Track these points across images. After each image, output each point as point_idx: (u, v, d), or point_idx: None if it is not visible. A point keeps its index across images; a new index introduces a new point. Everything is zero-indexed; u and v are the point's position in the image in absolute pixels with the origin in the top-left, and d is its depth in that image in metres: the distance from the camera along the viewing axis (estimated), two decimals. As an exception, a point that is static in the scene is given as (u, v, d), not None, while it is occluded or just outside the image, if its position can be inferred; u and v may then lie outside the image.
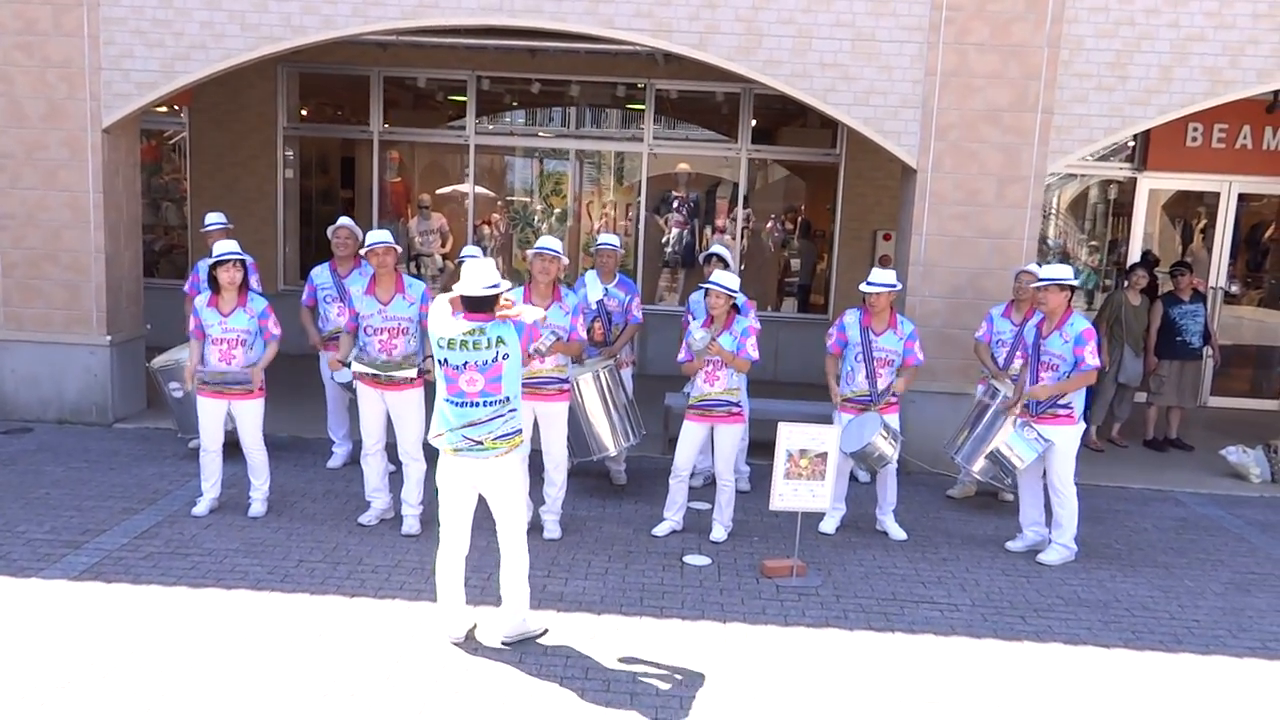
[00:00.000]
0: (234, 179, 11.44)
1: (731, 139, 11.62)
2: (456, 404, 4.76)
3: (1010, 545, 6.62)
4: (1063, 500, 6.35)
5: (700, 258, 7.99)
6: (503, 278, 4.80)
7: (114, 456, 7.69)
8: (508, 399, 4.77)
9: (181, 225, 11.61)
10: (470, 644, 4.92)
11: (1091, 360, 6.17)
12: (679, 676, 4.73)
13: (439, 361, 4.80)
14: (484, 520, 5.09)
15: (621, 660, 4.86)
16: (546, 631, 5.09)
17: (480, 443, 4.74)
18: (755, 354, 6.29)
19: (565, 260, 6.37)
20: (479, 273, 4.71)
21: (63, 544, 5.95)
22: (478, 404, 4.74)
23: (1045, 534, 6.54)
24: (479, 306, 4.72)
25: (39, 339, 8.44)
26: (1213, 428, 10.19)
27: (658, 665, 4.83)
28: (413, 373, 6.22)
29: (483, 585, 5.50)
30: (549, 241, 6.30)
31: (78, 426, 8.44)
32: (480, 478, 4.82)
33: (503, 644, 4.93)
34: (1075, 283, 6.36)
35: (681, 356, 6.42)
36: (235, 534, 6.23)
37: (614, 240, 7.45)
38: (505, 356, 4.72)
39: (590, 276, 7.31)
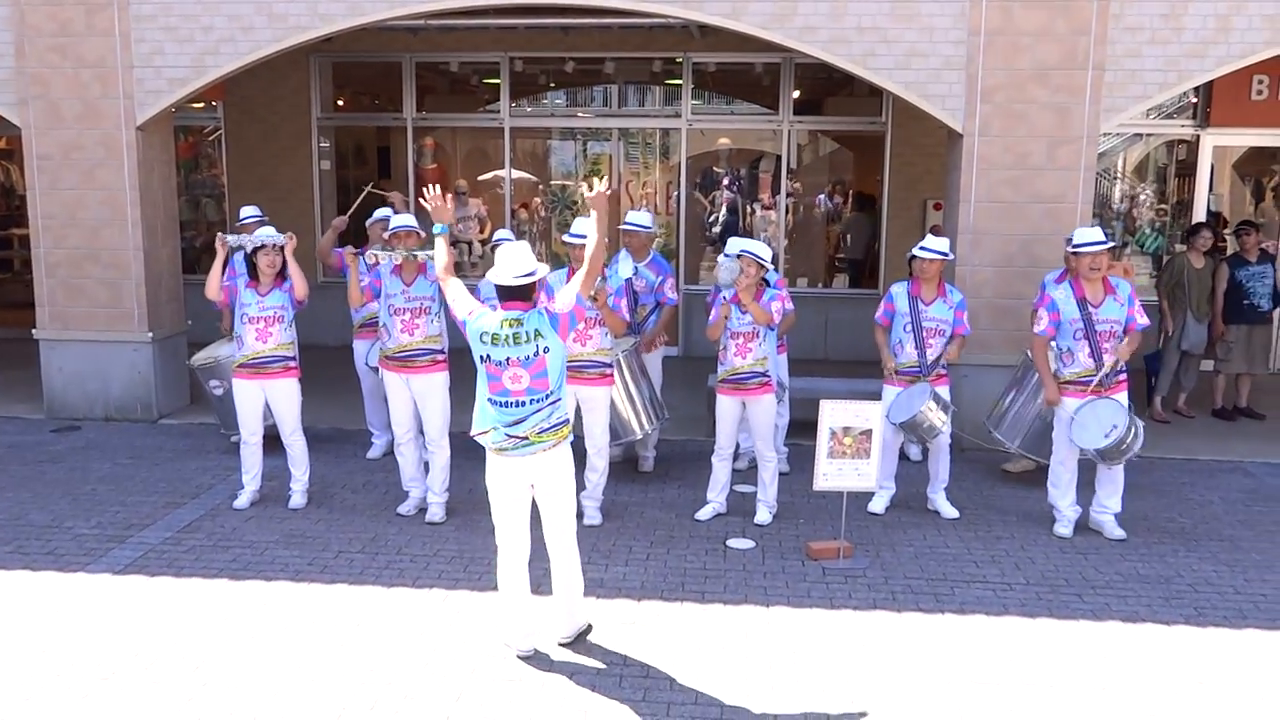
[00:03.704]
0: (270, 171, 11.44)
1: (773, 111, 11.34)
2: (500, 404, 4.50)
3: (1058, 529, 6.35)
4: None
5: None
6: (539, 261, 4.58)
7: (158, 452, 7.74)
8: (552, 392, 4.51)
9: (220, 220, 11.65)
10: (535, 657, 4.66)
11: (1141, 319, 6.08)
12: (721, 661, 4.59)
13: (480, 358, 4.52)
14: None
15: (662, 646, 4.74)
16: (592, 628, 4.90)
17: (526, 439, 4.48)
18: (778, 317, 6.13)
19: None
20: (512, 259, 4.46)
21: (108, 539, 5.99)
22: (523, 403, 4.47)
23: (1080, 509, 6.27)
24: (515, 295, 4.49)
25: (84, 337, 8.51)
26: (1285, 394, 9.76)
27: (699, 650, 4.70)
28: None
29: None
30: (580, 226, 6.16)
31: (123, 423, 8.51)
32: (530, 473, 4.56)
33: (560, 645, 4.75)
34: (1113, 243, 6.19)
35: (712, 317, 6.28)
36: (276, 526, 6.22)
37: (642, 219, 7.20)
38: (546, 350, 4.45)
39: (623, 255, 7.15)
